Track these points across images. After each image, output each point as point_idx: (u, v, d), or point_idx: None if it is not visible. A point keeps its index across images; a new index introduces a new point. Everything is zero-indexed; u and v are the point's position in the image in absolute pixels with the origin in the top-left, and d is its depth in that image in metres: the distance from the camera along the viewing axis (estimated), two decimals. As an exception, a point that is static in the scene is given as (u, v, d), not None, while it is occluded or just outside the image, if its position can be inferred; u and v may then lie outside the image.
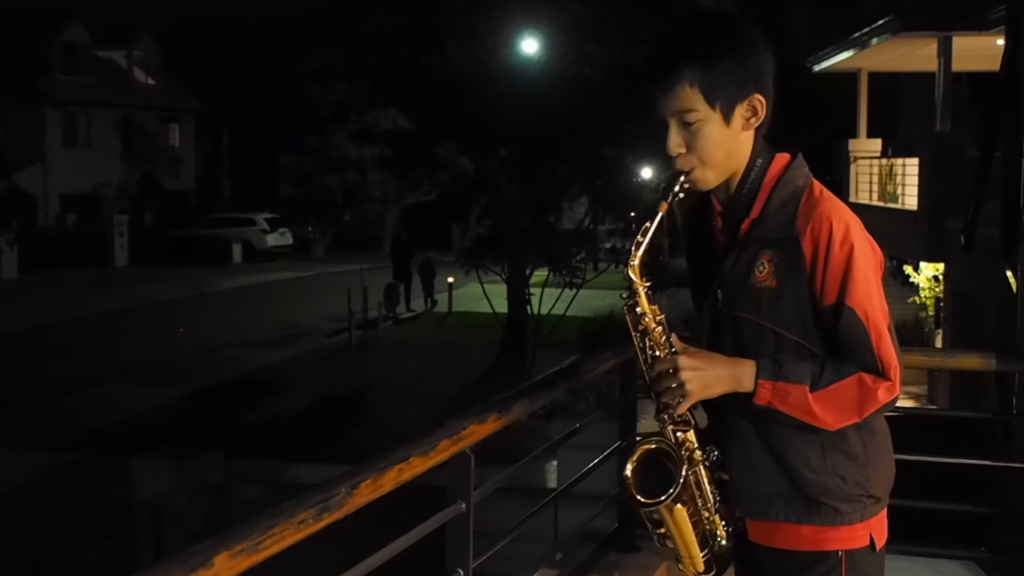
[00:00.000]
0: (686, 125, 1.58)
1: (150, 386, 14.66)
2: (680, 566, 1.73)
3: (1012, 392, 4.01)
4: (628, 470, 1.63)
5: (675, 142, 1.59)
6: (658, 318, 1.61)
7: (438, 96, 14.75)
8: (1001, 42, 4.87)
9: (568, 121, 13.87)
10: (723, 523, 1.69)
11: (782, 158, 1.64)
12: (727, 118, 1.58)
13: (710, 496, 1.67)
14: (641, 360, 1.62)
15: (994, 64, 4.73)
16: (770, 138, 1.66)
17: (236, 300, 23.06)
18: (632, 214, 15.73)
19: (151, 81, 34.55)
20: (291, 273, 27.56)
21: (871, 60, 13.78)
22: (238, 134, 36.37)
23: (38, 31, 29.68)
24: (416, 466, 1.98)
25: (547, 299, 14.78)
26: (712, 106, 1.57)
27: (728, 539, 1.70)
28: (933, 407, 10.36)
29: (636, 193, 16.11)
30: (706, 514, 1.67)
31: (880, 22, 11.50)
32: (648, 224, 1.59)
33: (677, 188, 1.60)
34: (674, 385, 1.57)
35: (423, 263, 21.50)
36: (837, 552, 1.61)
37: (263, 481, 10.30)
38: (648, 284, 1.62)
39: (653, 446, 1.64)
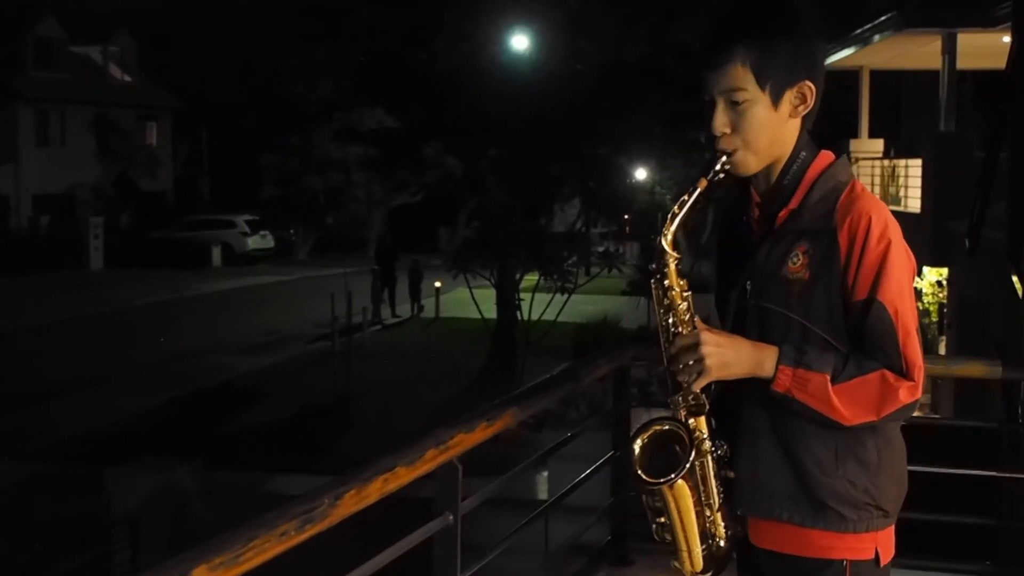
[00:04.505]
0: (733, 105, 1.59)
1: (127, 393, 14.47)
2: (677, 563, 1.69)
3: (1018, 400, 3.99)
4: (636, 447, 1.62)
5: (720, 121, 1.60)
6: (684, 294, 1.61)
7: (425, 94, 14.62)
8: (1007, 39, 4.82)
9: (560, 120, 13.76)
10: (723, 524, 1.67)
11: (827, 155, 1.65)
12: (775, 101, 1.60)
13: (714, 491, 1.64)
14: (662, 337, 1.61)
15: (1000, 62, 4.67)
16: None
17: (216, 304, 22.90)
18: (626, 216, 15.58)
19: (127, 78, 34.26)
20: (273, 277, 27.43)
21: (873, 58, 13.77)
22: (218, 133, 36.01)
23: (10, 26, 29.35)
24: (402, 476, 1.96)
25: (538, 304, 14.67)
26: (762, 87, 1.58)
27: (727, 541, 1.67)
28: (936, 416, 10.29)
29: (630, 194, 15.98)
30: (708, 512, 1.65)
31: (883, 18, 11.47)
32: (686, 197, 1.59)
33: (718, 167, 1.61)
34: (692, 361, 1.55)
35: (410, 267, 21.37)
36: (842, 562, 1.59)
37: (244, 492, 10.14)
38: (678, 257, 1.61)
39: (666, 427, 1.62)
